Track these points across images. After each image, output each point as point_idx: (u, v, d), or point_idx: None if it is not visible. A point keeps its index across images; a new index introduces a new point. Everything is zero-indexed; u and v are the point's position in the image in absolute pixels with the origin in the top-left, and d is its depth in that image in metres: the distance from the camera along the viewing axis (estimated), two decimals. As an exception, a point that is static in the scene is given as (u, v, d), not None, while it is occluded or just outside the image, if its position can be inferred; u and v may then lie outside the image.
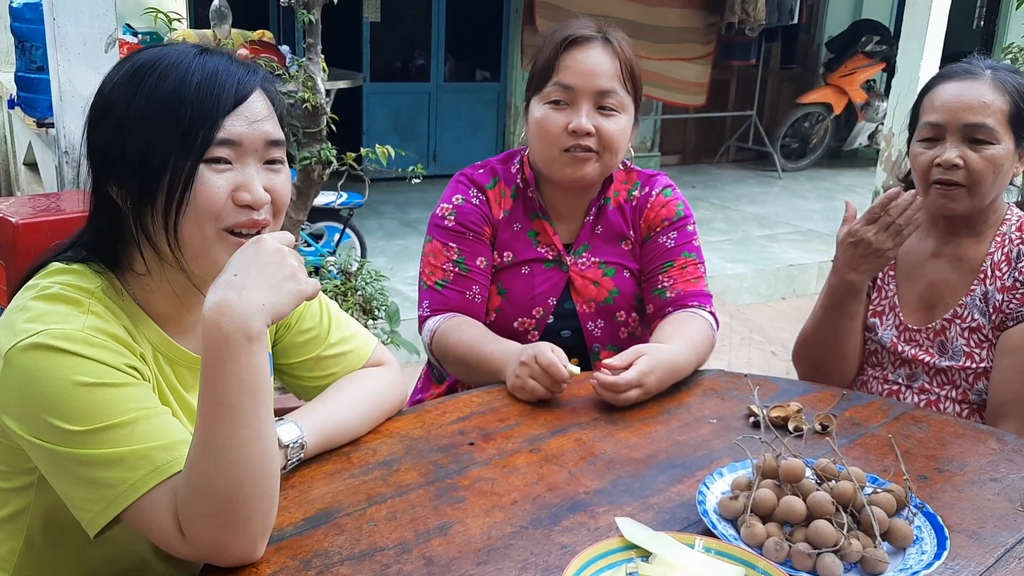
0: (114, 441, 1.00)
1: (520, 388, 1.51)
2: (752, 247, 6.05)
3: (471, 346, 1.68)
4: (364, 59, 7.38)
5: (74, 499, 1.03)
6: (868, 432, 1.47)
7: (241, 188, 1.10)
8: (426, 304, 1.80)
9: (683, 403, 1.55)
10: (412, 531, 1.12)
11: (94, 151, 1.11)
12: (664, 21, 7.49)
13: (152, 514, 1.00)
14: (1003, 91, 1.69)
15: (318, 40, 2.94)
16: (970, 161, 1.67)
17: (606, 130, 1.69)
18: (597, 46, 1.69)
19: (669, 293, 1.78)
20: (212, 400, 0.99)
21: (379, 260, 5.00)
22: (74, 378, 1.00)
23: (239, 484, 0.99)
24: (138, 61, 1.10)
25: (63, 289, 1.07)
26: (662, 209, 1.83)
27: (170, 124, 1.06)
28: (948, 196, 1.70)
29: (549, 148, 1.71)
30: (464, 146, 7.72)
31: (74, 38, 2.85)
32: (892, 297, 1.86)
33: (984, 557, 1.12)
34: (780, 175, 8.57)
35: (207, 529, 1.00)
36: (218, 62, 1.10)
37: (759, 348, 4.62)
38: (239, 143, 1.09)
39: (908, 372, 1.82)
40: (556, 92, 1.69)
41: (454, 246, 1.79)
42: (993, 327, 1.73)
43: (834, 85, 8.61)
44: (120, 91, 1.09)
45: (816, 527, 1.07)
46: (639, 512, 1.19)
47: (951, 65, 1.79)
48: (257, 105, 1.12)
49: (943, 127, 1.70)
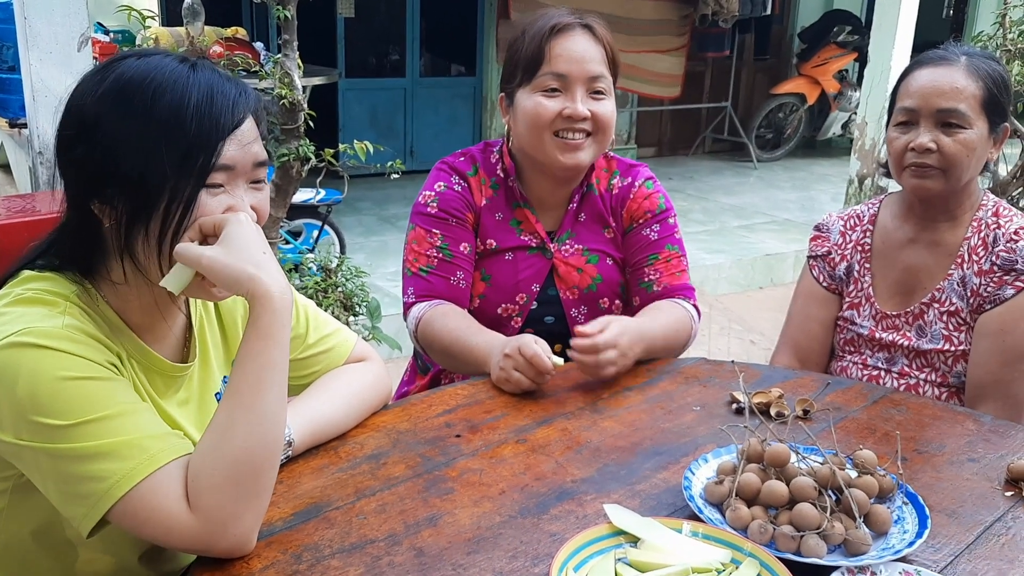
0: (102, 433, 0.99)
1: (505, 380, 1.52)
2: (729, 237, 6.09)
3: (456, 337, 1.69)
4: (339, 55, 7.35)
5: (65, 498, 1.01)
6: (848, 416, 1.49)
7: (232, 209, 1.10)
8: (411, 291, 1.80)
9: (666, 391, 1.57)
10: (402, 523, 1.12)
11: (75, 166, 1.08)
12: (639, 14, 7.51)
13: (153, 502, 0.99)
14: (977, 77, 1.71)
15: (294, 36, 2.93)
16: (943, 145, 1.70)
17: (600, 113, 1.72)
18: (581, 33, 1.72)
19: (656, 287, 1.82)
20: (264, 363, 1.05)
21: (358, 256, 4.99)
22: (57, 373, 0.99)
23: (270, 449, 1.04)
24: (124, 75, 1.07)
25: (38, 293, 1.06)
26: (644, 201, 1.85)
27: (169, 148, 1.04)
28: (923, 176, 1.73)
29: (542, 134, 1.72)
30: (441, 141, 7.71)
31: (46, 37, 2.82)
32: (867, 288, 1.88)
33: (964, 535, 1.15)
34: (755, 166, 8.63)
35: (229, 499, 1.00)
36: (212, 80, 1.09)
37: (738, 337, 4.66)
38: (233, 167, 1.10)
39: (887, 356, 1.85)
40: (550, 80, 1.70)
41: (437, 232, 1.79)
42: (971, 310, 1.76)
43: (807, 75, 8.68)
44: (107, 107, 1.06)
45: (799, 510, 1.09)
46: (626, 499, 1.20)
47: (928, 52, 1.81)
48: (248, 127, 1.11)
49: (917, 112, 1.73)
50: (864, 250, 1.90)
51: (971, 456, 1.36)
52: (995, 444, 1.40)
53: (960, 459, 1.35)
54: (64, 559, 1.16)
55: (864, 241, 1.90)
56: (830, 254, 1.94)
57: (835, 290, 1.94)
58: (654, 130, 9.05)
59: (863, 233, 1.91)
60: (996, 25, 5.03)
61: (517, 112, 1.76)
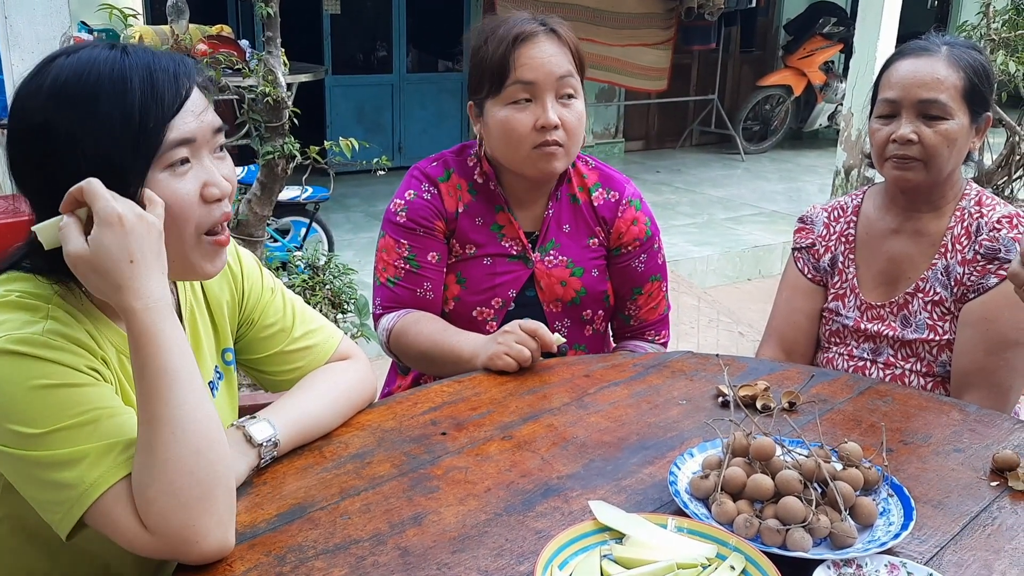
0: (73, 440, 0.99)
1: (503, 355, 1.55)
2: (717, 229, 6.10)
3: (435, 340, 1.70)
4: (325, 52, 7.32)
5: (41, 504, 1.01)
6: (834, 408, 1.50)
7: (208, 184, 1.09)
8: (378, 301, 1.84)
9: (653, 385, 1.57)
10: (387, 522, 1.12)
11: (35, 169, 1.06)
12: (624, 8, 7.51)
13: (115, 512, 0.99)
14: (958, 67, 1.71)
15: (277, 33, 2.91)
16: (924, 136, 1.70)
17: (568, 121, 1.71)
18: (545, 38, 1.70)
19: (632, 322, 1.92)
20: (155, 371, 1.00)
21: (347, 253, 4.98)
22: (32, 382, 0.99)
23: (198, 451, 1.00)
24: (60, 76, 1.04)
25: (20, 296, 1.05)
26: (633, 227, 1.86)
27: (124, 136, 1.02)
28: (904, 168, 1.73)
29: (519, 148, 1.71)
30: (429, 136, 7.71)
31: (28, 37, 2.79)
32: (852, 279, 1.89)
33: (950, 526, 1.15)
34: (743, 158, 8.65)
35: (171, 511, 0.98)
36: (148, 60, 1.06)
37: (727, 329, 4.67)
38: (194, 139, 1.08)
39: (872, 347, 1.85)
40: (519, 91, 1.69)
41: (405, 242, 1.80)
42: (955, 300, 1.76)
43: (793, 67, 8.69)
44: (51, 110, 1.03)
45: (785, 503, 1.09)
46: (612, 495, 1.20)
47: (909, 42, 1.81)
48: (197, 97, 1.10)
49: (898, 103, 1.73)
50: (848, 241, 1.90)
51: (956, 446, 1.36)
52: (980, 434, 1.40)
53: (946, 449, 1.35)
54: (58, 559, 1.16)
55: (848, 232, 1.91)
56: (814, 246, 1.94)
57: (820, 282, 1.94)
58: (641, 123, 9.06)
59: (847, 224, 1.91)
60: (980, 15, 5.06)
61: (488, 123, 1.75)
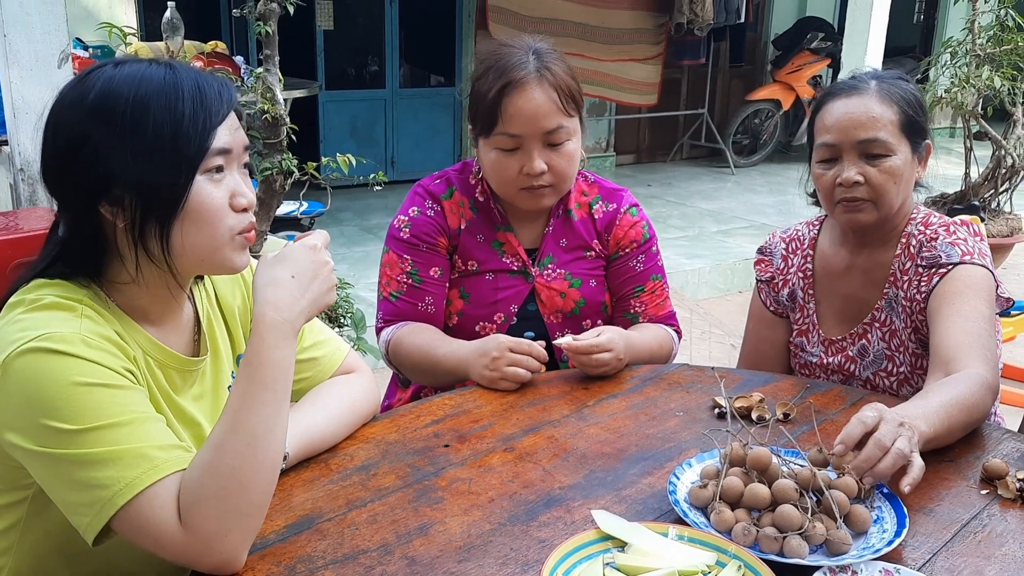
0: (110, 440, 1.01)
1: (500, 379, 1.59)
2: (708, 242, 6.14)
3: (425, 352, 1.74)
4: (319, 67, 7.35)
5: (71, 505, 1.03)
6: (828, 418, 1.53)
7: (236, 194, 1.15)
8: (380, 314, 1.88)
9: (650, 397, 1.60)
10: (393, 533, 1.14)
11: (76, 176, 1.09)
12: (615, 23, 7.56)
13: (148, 512, 1.01)
14: (890, 102, 1.68)
15: (275, 51, 2.94)
16: (870, 176, 1.67)
17: (557, 166, 1.73)
18: (534, 85, 1.70)
19: (641, 319, 1.91)
20: (257, 383, 1.07)
21: (341, 267, 5.00)
22: (72, 379, 1.01)
23: (259, 470, 1.05)
24: (109, 88, 1.08)
25: (55, 299, 1.08)
26: (631, 230, 1.89)
27: (173, 148, 1.08)
28: (855, 210, 1.70)
29: (507, 188, 1.78)
30: (422, 151, 7.73)
31: (26, 54, 2.82)
32: (812, 316, 1.88)
33: (942, 533, 1.18)
34: (733, 171, 8.70)
35: (214, 516, 1.01)
36: (195, 76, 1.13)
37: (719, 341, 4.70)
38: (231, 150, 1.14)
39: (842, 378, 1.84)
40: (504, 141, 1.72)
41: (408, 258, 1.83)
42: (912, 329, 1.73)
43: (782, 82, 8.76)
44: (98, 122, 1.07)
45: (782, 511, 1.12)
46: (613, 504, 1.22)
47: (838, 81, 1.79)
48: (232, 115, 1.16)
49: (838, 147, 1.69)
50: (807, 276, 1.88)
51: (948, 456, 1.39)
52: (971, 444, 1.43)
53: (937, 458, 1.38)
54: (80, 569, 1.17)
55: (806, 267, 1.89)
56: (774, 279, 1.94)
57: (782, 314, 1.94)
58: (632, 137, 9.11)
59: (804, 259, 1.89)
60: (966, 31, 5.12)
61: (481, 156, 1.79)
